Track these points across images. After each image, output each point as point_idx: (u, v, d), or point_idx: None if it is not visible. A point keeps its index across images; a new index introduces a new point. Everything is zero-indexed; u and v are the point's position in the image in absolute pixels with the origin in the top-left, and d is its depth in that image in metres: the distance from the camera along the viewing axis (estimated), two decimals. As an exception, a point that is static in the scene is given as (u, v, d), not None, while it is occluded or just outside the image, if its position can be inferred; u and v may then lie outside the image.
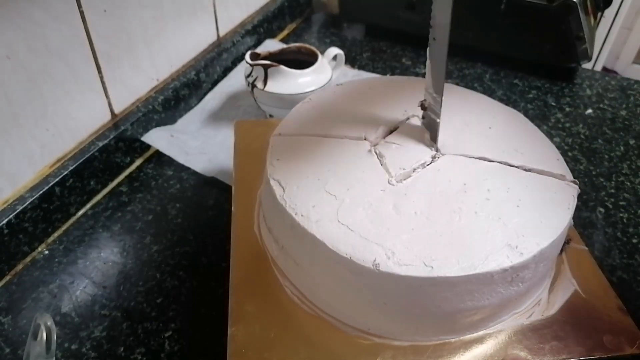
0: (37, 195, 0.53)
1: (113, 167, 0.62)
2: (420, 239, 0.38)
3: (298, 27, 0.97)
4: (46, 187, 0.54)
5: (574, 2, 0.77)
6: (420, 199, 0.41)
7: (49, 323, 0.30)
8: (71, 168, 0.56)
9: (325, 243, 0.38)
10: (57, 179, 0.55)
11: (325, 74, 0.70)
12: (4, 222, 0.51)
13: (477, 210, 0.40)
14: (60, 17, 0.52)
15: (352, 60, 0.87)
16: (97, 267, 0.53)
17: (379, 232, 0.39)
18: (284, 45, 0.72)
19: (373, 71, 0.84)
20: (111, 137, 0.61)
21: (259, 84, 0.67)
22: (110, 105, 0.62)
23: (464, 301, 0.38)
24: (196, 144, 0.68)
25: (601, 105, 0.78)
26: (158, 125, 0.68)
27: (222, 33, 0.80)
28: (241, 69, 0.80)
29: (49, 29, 0.51)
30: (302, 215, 0.40)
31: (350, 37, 0.95)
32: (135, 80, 0.65)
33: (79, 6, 0.54)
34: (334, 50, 0.73)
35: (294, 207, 0.41)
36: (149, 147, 0.67)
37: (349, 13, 0.94)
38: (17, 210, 0.52)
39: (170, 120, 0.70)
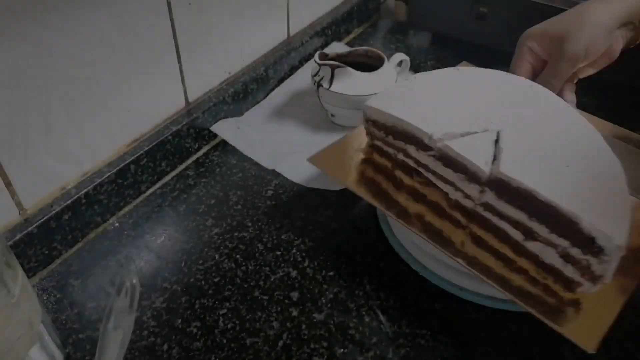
0: (114, 170, 0.57)
1: (183, 151, 0.66)
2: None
3: (365, 31, 0.99)
4: (122, 164, 0.58)
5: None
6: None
7: (134, 281, 0.33)
8: (146, 148, 0.60)
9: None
10: (132, 157, 0.59)
11: (390, 78, 0.71)
12: (83, 192, 0.55)
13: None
14: (150, 7, 0.56)
15: (415, 68, 0.88)
16: (161, 243, 0.57)
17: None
18: (352, 48, 0.74)
19: (436, 79, 0.84)
20: (184, 123, 0.65)
21: (325, 84, 0.69)
22: (185, 93, 0.66)
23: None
24: (260, 137, 0.71)
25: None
26: (226, 115, 0.71)
27: (292, 33, 0.82)
28: (307, 69, 0.83)
29: (139, 17, 0.55)
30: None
31: (415, 44, 0.96)
32: (210, 72, 0.69)
33: (167, -2, 0.58)
34: (400, 56, 0.75)
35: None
36: (216, 135, 0.70)
37: (417, 21, 0.95)
38: (95, 183, 0.56)
39: (237, 112, 0.73)
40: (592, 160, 0.46)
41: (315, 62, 0.69)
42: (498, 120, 0.49)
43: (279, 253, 0.56)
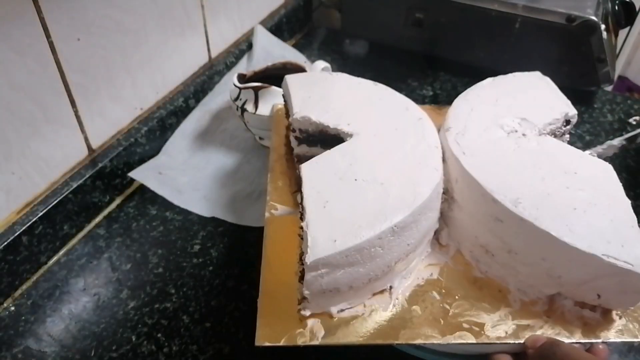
0: (1, 247, 0.48)
1: (90, 207, 0.57)
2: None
3: (298, 43, 0.92)
4: (11, 237, 0.49)
5: (595, 20, 0.71)
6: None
7: None
8: (41, 213, 0.51)
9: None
10: (24, 227, 0.50)
11: None
12: (-37, 278, 0.46)
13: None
14: (25, 51, 0.46)
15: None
16: (67, 328, 0.48)
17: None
18: (268, 63, 0.66)
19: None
20: (87, 175, 0.55)
21: (250, 107, 0.61)
22: (86, 140, 0.57)
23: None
24: (186, 178, 0.63)
25: (624, 133, 0.72)
26: (141, 158, 0.62)
27: (214, 54, 0.74)
28: (223, 86, 0.74)
29: (11, 64, 0.46)
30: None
31: (352, 53, 0.89)
32: (116, 112, 0.60)
33: (48, 36, 0.48)
34: (320, 64, 0.68)
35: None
36: (130, 183, 0.61)
37: (352, 29, 0.88)
38: (-22, 264, 0.47)
39: (155, 153, 0.64)
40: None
41: (235, 86, 0.61)
42: None
43: (208, 325, 0.48)
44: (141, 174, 0.61)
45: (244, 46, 0.78)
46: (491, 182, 0.41)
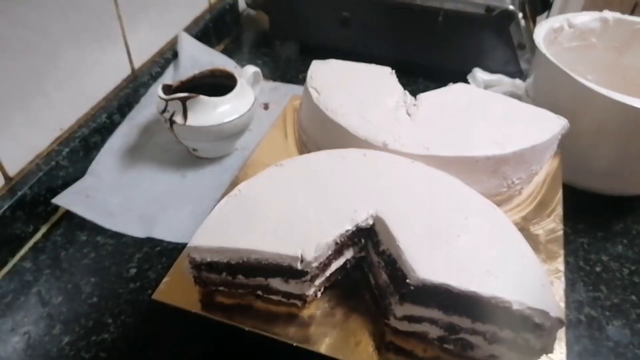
0: None
1: (12, 240, 0.53)
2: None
3: (227, 47, 0.90)
4: None
5: (512, 9, 0.73)
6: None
7: None
8: (-46, 254, 0.47)
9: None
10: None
11: (248, 96, 0.64)
12: None
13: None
14: None
15: (288, 82, 0.80)
16: (-6, 374, 0.44)
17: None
18: (196, 72, 0.64)
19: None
20: (6, 206, 0.52)
21: (178, 119, 0.59)
22: (2, 168, 0.53)
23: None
24: (117, 199, 0.59)
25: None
26: (65, 182, 0.59)
27: (137, 65, 0.71)
28: (150, 97, 0.71)
29: None
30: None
31: (284, 55, 0.88)
32: (32, 135, 0.56)
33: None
34: (250, 69, 0.67)
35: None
36: (55, 210, 0.57)
37: (281, 31, 0.87)
38: None
39: (80, 175, 0.61)
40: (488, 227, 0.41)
41: (161, 97, 0.59)
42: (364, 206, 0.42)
43: (151, 353, 0.46)
44: (66, 199, 0.57)
45: (169, 55, 0.75)
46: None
